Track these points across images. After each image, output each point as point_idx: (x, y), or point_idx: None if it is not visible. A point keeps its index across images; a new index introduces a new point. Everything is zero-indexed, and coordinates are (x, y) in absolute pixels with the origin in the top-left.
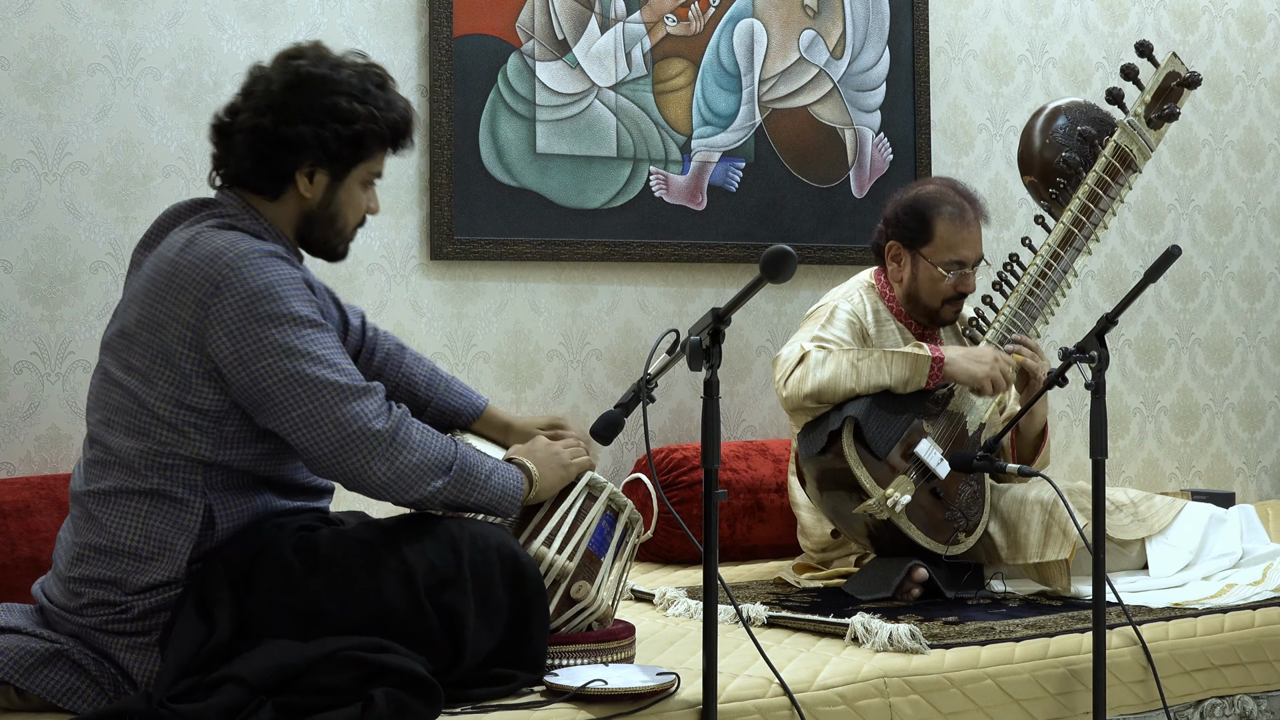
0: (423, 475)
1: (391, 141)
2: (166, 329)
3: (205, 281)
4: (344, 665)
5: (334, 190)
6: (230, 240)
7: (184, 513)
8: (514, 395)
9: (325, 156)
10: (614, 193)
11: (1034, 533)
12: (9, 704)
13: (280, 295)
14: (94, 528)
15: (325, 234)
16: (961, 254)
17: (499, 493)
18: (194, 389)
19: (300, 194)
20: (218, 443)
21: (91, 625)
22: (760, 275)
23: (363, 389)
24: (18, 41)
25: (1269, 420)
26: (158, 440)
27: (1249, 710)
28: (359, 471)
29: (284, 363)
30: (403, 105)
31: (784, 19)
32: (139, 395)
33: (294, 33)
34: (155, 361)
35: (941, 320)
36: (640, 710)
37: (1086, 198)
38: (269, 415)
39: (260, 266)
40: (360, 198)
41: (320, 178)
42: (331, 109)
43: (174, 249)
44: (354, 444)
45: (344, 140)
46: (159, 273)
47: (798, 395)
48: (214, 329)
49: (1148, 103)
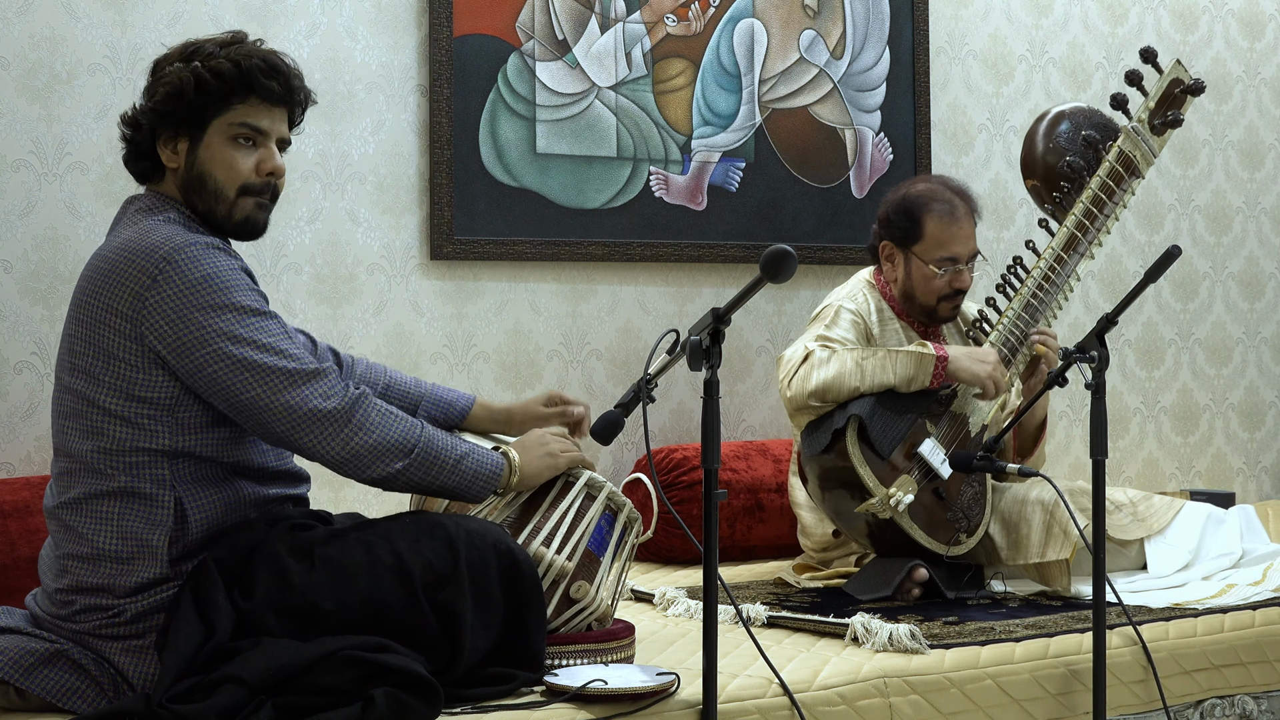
0: (380, 456)
1: (236, 90)
2: (104, 323)
3: (141, 274)
4: (344, 665)
5: (195, 152)
6: (167, 234)
7: (154, 508)
8: (514, 395)
9: (161, 120)
10: (614, 193)
11: (1035, 533)
12: (9, 704)
13: (222, 285)
14: (72, 538)
15: (205, 200)
16: (953, 250)
17: (470, 476)
18: (140, 381)
19: (169, 167)
20: (174, 431)
21: (86, 631)
22: (760, 275)
23: (311, 372)
24: (18, 41)
25: (1269, 420)
26: (114, 438)
27: (1249, 710)
28: (312, 451)
29: (228, 348)
30: (241, 55)
31: (784, 19)
32: (88, 395)
33: (293, 33)
34: (98, 359)
35: (939, 318)
36: (640, 710)
37: (1090, 202)
38: (217, 400)
39: (198, 258)
40: (229, 155)
41: (181, 144)
42: (156, 77)
43: (111, 247)
44: (305, 425)
45: (164, 98)
46: (96, 271)
47: (802, 394)
48: (153, 318)
49: (1151, 109)
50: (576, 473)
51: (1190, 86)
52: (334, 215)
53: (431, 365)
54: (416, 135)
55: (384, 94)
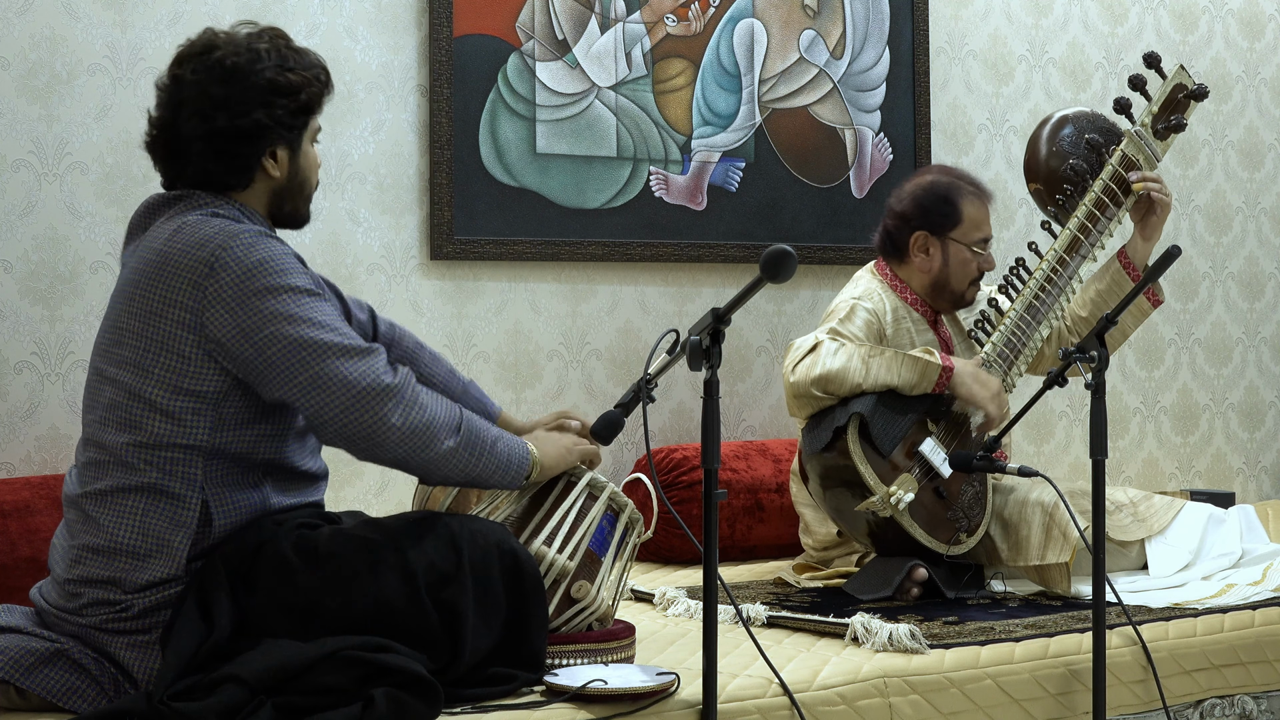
0: (435, 432)
1: (325, 94)
2: (163, 316)
3: (199, 264)
4: (344, 665)
5: (296, 160)
6: (218, 226)
7: (181, 509)
8: (514, 395)
9: (285, 133)
10: (614, 193)
11: (1034, 534)
12: (9, 703)
13: (275, 268)
14: (91, 528)
15: (295, 203)
16: (985, 231)
17: (504, 460)
18: (193, 372)
19: (269, 175)
20: (216, 425)
21: (91, 625)
22: (760, 275)
23: (365, 349)
24: (18, 41)
25: (1269, 420)
26: (152, 433)
27: (1249, 710)
28: (374, 427)
29: (285, 329)
30: (314, 57)
31: (784, 19)
32: (132, 388)
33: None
34: (150, 350)
35: (966, 302)
36: (640, 710)
37: (1093, 205)
38: (276, 384)
39: (251, 244)
40: (315, 156)
41: (283, 154)
42: (271, 86)
43: (161, 239)
44: (365, 399)
45: (294, 111)
46: (147, 264)
47: (805, 381)
48: (213, 308)
49: (1155, 113)
50: (579, 472)
51: (1194, 92)
52: (334, 215)
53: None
54: (416, 135)
55: (384, 94)
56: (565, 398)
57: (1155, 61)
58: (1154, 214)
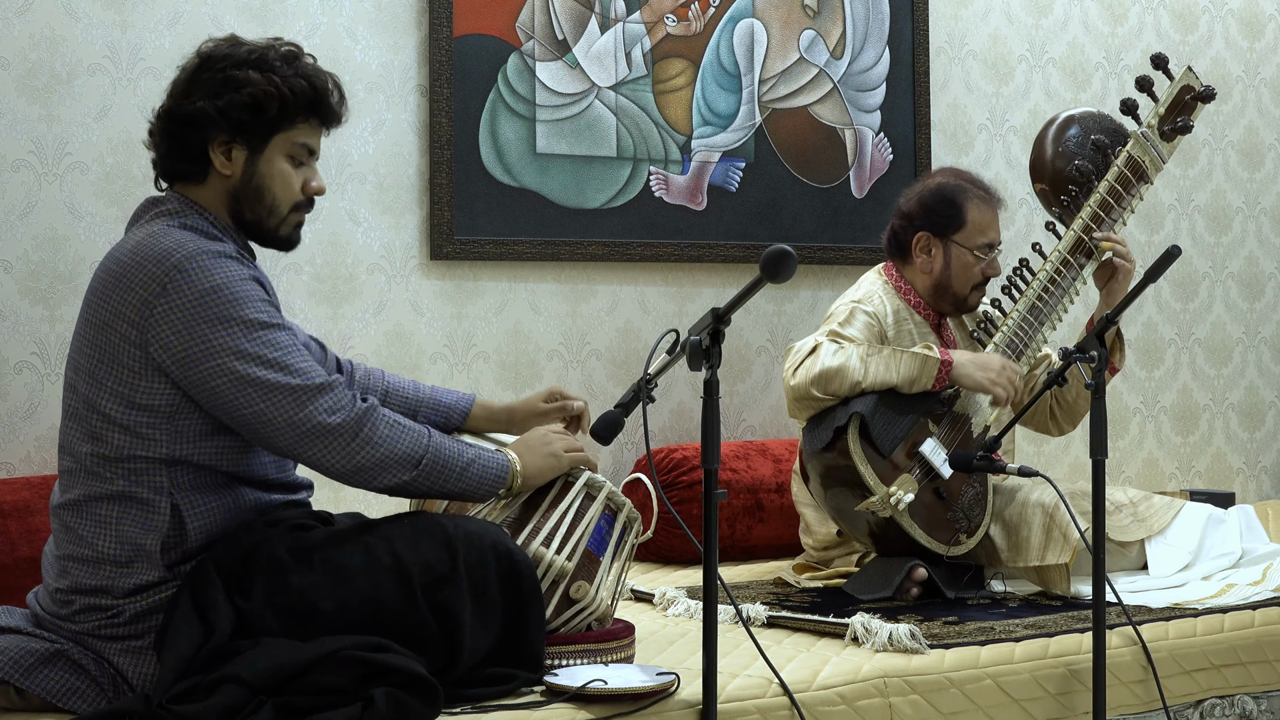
0: (386, 469)
1: (306, 110)
2: (112, 327)
3: (152, 281)
4: (343, 665)
5: (254, 164)
6: (180, 240)
7: (150, 514)
8: (514, 395)
9: (229, 127)
10: (614, 193)
11: (1035, 535)
12: (9, 704)
13: (230, 297)
14: (72, 539)
15: (257, 213)
16: (990, 236)
17: (476, 481)
18: (144, 387)
19: (219, 172)
20: (174, 438)
21: (85, 631)
22: (760, 275)
23: (318, 386)
24: (18, 41)
25: (1269, 420)
26: (112, 445)
27: (1249, 710)
28: (316, 464)
29: (233, 364)
30: (311, 73)
31: (784, 19)
32: (90, 398)
33: (293, 33)
34: (102, 361)
35: (968, 306)
36: (640, 710)
37: (1098, 206)
38: (219, 413)
39: (209, 267)
40: (287, 172)
41: (238, 152)
42: (226, 79)
43: (126, 247)
44: (309, 440)
45: (241, 107)
46: (108, 272)
47: (804, 382)
48: (159, 328)
49: (1161, 115)
50: (576, 472)
51: (1201, 94)
52: (334, 215)
53: (431, 365)
54: (416, 135)
55: (384, 94)
56: None
57: (1163, 63)
58: (1116, 280)
